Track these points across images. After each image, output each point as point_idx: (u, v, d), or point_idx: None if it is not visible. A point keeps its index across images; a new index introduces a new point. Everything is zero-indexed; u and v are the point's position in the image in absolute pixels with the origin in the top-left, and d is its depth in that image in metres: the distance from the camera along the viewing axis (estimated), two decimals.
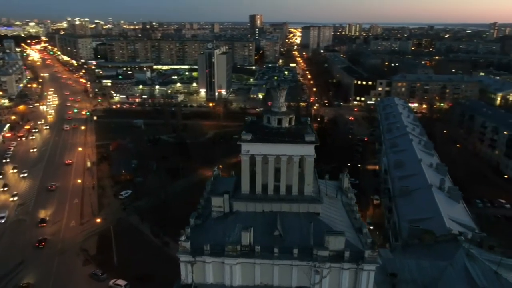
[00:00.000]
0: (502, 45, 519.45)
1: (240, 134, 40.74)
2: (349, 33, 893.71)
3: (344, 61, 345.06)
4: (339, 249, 37.38)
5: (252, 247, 37.92)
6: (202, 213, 44.94)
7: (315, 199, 41.56)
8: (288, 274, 38.45)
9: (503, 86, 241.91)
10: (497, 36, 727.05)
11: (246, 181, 41.71)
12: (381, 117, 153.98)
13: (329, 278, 38.10)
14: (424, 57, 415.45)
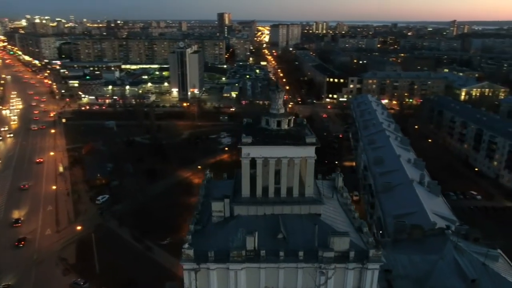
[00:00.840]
0: (462, 42, 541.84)
1: (241, 137, 40.12)
2: (316, 31, 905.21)
3: (314, 59, 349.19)
4: (344, 250, 37.62)
5: (257, 251, 37.52)
6: (200, 218, 43.98)
7: (317, 200, 41.62)
8: (293, 277, 38.33)
9: (467, 82, 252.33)
10: (456, 33, 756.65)
11: (247, 184, 41.19)
12: (356, 114, 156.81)
13: (334, 278, 38.28)
14: (390, 55, 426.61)
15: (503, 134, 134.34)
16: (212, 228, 41.20)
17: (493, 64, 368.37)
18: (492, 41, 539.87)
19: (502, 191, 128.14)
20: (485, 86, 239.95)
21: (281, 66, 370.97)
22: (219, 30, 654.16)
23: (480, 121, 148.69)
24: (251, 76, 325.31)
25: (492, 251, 54.87)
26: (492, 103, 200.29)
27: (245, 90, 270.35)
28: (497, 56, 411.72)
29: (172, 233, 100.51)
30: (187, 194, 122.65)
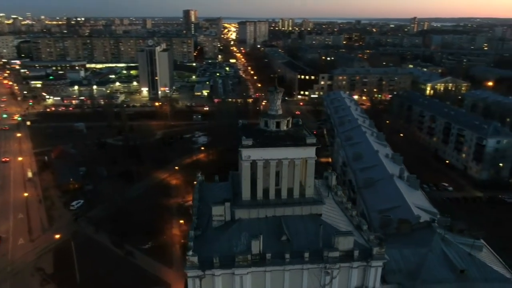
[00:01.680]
0: (423, 39, 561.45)
1: (241, 140, 39.45)
2: (282, 28, 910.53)
3: (284, 56, 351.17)
4: (348, 249, 37.90)
5: (263, 255, 37.12)
6: (199, 223, 43.01)
7: (317, 201, 41.70)
8: (298, 278, 38.27)
9: (431, 77, 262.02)
10: (417, 30, 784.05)
11: (247, 187, 40.65)
12: (330, 110, 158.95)
13: (338, 277, 38.55)
14: (356, 51, 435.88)
15: (470, 127, 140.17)
16: (213, 232, 40.40)
17: (453, 60, 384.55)
18: (451, 38, 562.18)
19: (471, 181, 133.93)
20: (448, 81, 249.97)
21: (251, 64, 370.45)
22: (186, 27, 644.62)
23: (448, 115, 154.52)
24: (221, 74, 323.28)
25: (477, 242, 56.99)
26: (456, 97, 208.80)
27: (216, 88, 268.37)
28: (456, 52, 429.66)
29: (153, 237, 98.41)
30: (166, 196, 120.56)
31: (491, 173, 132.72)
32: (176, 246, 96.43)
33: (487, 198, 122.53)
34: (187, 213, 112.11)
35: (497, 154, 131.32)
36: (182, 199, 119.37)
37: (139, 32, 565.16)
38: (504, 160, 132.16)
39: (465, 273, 52.13)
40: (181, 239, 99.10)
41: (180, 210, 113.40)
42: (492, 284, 51.93)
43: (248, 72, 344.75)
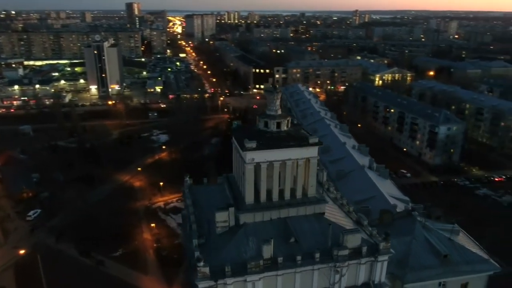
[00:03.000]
0: (366, 31, 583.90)
1: (244, 143, 38.19)
2: (228, 21, 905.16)
3: (236, 50, 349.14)
4: (356, 246, 38.29)
5: (274, 259, 36.48)
6: (199, 230, 41.34)
7: (321, 200, 41.69)
8: (309, 279, 38.10)
9: (379, 68, 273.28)
10: (359, 22, 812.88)
11: (251, 191, 39.65)
12: (291, 104, 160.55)
13: (347, 274, 38.85)
14: (305, 43, 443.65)
15: (423, 116, 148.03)
16: (217, 240, 39.02)
17: (396, 51, 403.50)
18: (391, 29, 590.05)
19: (426, 167, 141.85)
20: (395, 71, 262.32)
21: (202, 58, 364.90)
22: (129, 21, 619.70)
23: (401, 105, 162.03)
24: (172, 69, 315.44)
25: (455, 227, 60.27)
26: (404, 87, 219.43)
27: (169, 84, 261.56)
28: (398, 43, 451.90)
29: (123, 243, 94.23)
30: (131, 198, 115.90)
31: (444, 159, 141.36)
32: (149, 251, 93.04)
33: (442, 182, 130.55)
34: (156, 216, 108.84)
35: (448, 140, 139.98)
36: (149, 201, 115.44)
37: (79, 26, 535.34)
38: (454, 145, 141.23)
39: (448, 257, 54.95)
40: (154, 243, 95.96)
41: (148, 212, 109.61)
42: (472, 265, 55.21)
43: (200, 66, 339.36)
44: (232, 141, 44.40)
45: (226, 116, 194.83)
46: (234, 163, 44.93)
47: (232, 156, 45.12)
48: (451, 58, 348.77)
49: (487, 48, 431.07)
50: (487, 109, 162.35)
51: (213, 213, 41.52)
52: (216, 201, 45.18)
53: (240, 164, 41.45)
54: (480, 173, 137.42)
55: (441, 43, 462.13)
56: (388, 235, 39.52)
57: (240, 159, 40.69)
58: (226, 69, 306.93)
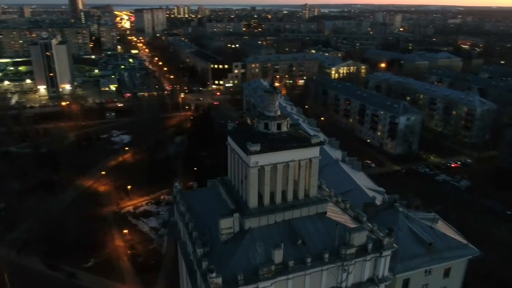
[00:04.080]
0: (317, 25, 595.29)
1: (247, 146, 37.05)
2: (178, 15, 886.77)
3: (191, 45, 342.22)
4: (362, 243, 38.61)
5: (285, 263, 35.89)
6: (200, 238, 39.75)
7: (323, 200, 41.61)
8: (318, 280, 37.97)
9: (334, 61, 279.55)
10: (309, 16, 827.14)
11: (255, 195, 38.70)
12: (255, 99, 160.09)
13: (353, 272, 39.11)
14: (259, 38, 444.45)
15: (383, 107, 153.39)
16: (223, 247, 37.73)
17: (348, 44, 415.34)
18: (341, 23, 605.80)
19: (388, 157, 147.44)
20: (350, 64, 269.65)
21: (156, 54, 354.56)
22: (73, 16, 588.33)
23: (361, 97, 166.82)
24: (126, 66, 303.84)
25: (435, 215, 62.82)
26: (361, 80, 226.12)
27: (124, 82, 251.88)
28: (349, 37, 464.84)
29: (94, 252, 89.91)
30: (97, 204, 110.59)
31: (404, 148, 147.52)
32: (123, 258, 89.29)
33: (405, 171, 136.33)
34: (127, 221, 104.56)
35: (408, 130, 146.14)
36: (117, 206, 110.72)
37: (18, 22, 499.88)
38: (413, 135, 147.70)
39: (432, 245, 57.21)
40: (127, 250, 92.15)
41: (118, 218, 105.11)
42: (454, 251, 57.86)
43: (155, 63, 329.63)
44: (228, 143, 43.07)
45: (188, 113, 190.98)
46: (230, 166, 43.65)
47: (228, 159, 43.80)
48: (399, 50, 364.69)
49: (430, 40, 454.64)
50: (440, 99, 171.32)
51: (214, 220, 40.22)
52: (213, 206, 43.83)
53: (240, 167, 40.29)
54: (437, 160, 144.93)
55: (389, 36, 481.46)
56: (392, 231, 40.25)
57: (241, 162, 39.54)
58: (182, 65, 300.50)
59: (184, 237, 45.62)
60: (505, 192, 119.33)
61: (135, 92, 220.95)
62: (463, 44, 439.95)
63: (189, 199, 46.83)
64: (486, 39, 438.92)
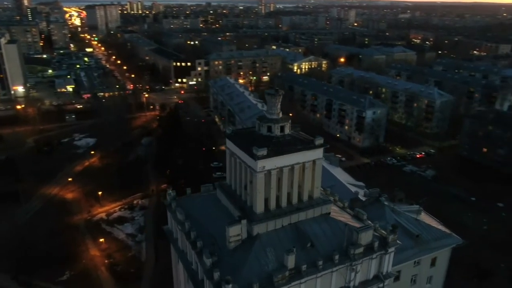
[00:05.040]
0: (275, 20, 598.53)
1: (253, 151, 36.15)
2: (131, 11, 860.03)
3: (150, 43, 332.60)
4: (369, 242, 38.99)
5: (298, 267, 35.52)
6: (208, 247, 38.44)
7: (327, 200, 41.60)
8: (328, 281, 37.93)
9: (296, 57, 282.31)
10: (265, 11, 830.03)
11: (262, 200, 37.97)
12: (223, 97, 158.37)
13: (360, 270, 39.47)
14: (218, 34, 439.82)
15: (350, 102, 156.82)
16: (232, 255, 36.72)
17: (306, 39, 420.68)
18: (298, 18, 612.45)
19: (357, 150, 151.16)
20: (311, 59, 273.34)
21: (112, 52, 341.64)
22: (18, 13, 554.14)
23: (328, 93, 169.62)
24: (81, 66, 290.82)
25: (419, 207, 64.91)
26: (325, 75, 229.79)
27: (81, 83, 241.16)
28: (307, 32, 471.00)
29: (69, 265, 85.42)
30: (67, 213, 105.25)
31: (371, 141, 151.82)
32: (101, 268, 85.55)
33: (374, 163, 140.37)
34: (100, 229, 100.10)
35: (374, 123, 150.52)
36: (88, 213, 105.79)
37: None
38: (380, 128, 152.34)
39: (419, 237, 59.14)
40: (105, 259, 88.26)
41: (90, 226, 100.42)
42: (440, 241, 60.14)
43: (112, 61, 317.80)
44: (227, 147, 41.98)
45: (153, 113, 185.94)
46: (230, 171, 42.61)
47: (227, 163, 42.74)
48: (356, 45, 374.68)
49: (384, 35, 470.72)
50: (401, 92, 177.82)
51: (218, 227, 39.22)
52: (213, 213, 42.67)
53: (243, 172, 39.38)
54: (403, 151, 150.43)
55: (345, 31, 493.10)
56: (396, 227, 40.92)
57: (245, 167, 38.63)
58: (141, 63, 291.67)
59: (184, 246, 44.11)
60: (468, 179, 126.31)
61: (95, 92, 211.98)
62: (414, 38, 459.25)
63: (186, 207, 45.20)
64: (435, 33, 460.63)
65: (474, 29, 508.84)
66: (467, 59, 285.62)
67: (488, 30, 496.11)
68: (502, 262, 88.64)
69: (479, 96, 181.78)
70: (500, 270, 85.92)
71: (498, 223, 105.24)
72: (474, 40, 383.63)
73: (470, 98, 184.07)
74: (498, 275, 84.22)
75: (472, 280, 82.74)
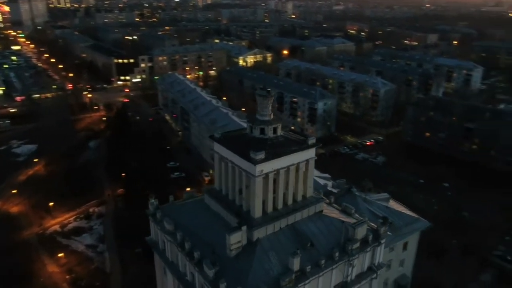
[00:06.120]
0: (214, 13, 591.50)
1: (250, 155, 35.28)
2: (58, 5, 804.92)
3: (86, 39, 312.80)
4: (363, 236, 39.93)
5: (303, 269, 35.45)
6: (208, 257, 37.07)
7: (320, 198, 41.90)
8: (328, 279, 38.34)
9: (241, 50, 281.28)
10: (202, 4, 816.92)
11: (260, 204, 37.28)
12: (174, 95, 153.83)
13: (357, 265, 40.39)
14: (157, 28, 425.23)
15: (301, 94, 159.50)
16: (234, 263, 35.76)
17: (248, 32, 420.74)
18: (237, 11, 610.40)
19: None
20: (256, 53, 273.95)
21: (43, 50, 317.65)
22: None
23: (278, 85, 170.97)
24: (9, 65, 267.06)
25: (387, 195, 67.79)
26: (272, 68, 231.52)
27: (11, 84, 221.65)
28: (248, 25, 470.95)
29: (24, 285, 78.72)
30: (13, 229, 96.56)
31: (324, 132, 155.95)
32: (62, 285, 79.80)
33: (328, 153, 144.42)
34: (56, 242, 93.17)
35: (326, 114, 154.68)
36: (40, 227, 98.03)
37: None
38: (331, 118, 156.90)
39: (392, 224, 61.78)
40: (66, 275, 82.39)
41: (44, 241, 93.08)
42: (411, 226, 63.26)
43: (45, 60, 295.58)
44: (216, 151, 40.65)
45: (98, 114, 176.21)
46: (220, 176, 41.33)
47: (216, 168, 41.42)
48: (297, 36, 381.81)
49: (322, 27, 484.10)
50: (348, 83, 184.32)
51: (214, 235, 38.09)
52: (204, 221, 41.27)
53: (238, 177, 38.35)
54: (353, 140, 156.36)
55: (285, 23, 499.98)
56: (387, 219, 42.22)
57: (240, 171, 37.65)
58: (78, 61, 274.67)
59: (173, 258, 42.24)
60: (415, 163, 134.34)
61: (29, 94, 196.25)
62: (350, 29, 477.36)
63: (173, 216, 43.24)
64: (369, 24, 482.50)
65: (403, 20, 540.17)
66: (402, 49, 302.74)
67: (416, 20, 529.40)
68: (453, 238, 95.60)
69: (416, 84, 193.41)
70: (453, 247, 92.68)
71: (445, 202, 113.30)
72: (405, 31, 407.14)
73: (409, 86, 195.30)
74: (452, 251, 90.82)
75: (430, 258, 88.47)
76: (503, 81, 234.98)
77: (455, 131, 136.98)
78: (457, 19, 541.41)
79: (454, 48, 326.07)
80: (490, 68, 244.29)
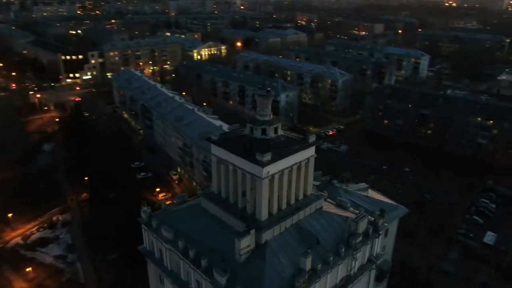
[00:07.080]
0: (161, 5, 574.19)
1: (256, 157, 34.55)
2: None
3: (25, 34, 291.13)
4: (364, 230, 40.73)
5: (314, 268, 35.52)
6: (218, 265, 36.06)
7: (320, 196, 42.10)
8: (335, 275, 38.79)
9: (194, 43, 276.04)
10: None
11: (266, 206, 36.77)
12: (132, 92, 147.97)
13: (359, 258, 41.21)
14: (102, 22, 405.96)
15: None
16: (245, 268, 35.09)
17: (198, 25, 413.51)
18: (185, 3, 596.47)
19: None
20: (211, 45, 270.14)
21: None
22: None
23: (239, 79, 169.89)
24: None
25: (366, 185, 69.71)
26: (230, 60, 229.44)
27: None
28: (198, 17, 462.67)
29: None
30: None
31: (287, 123, 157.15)
32: None
33: None
34: (20, 256, 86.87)
35: (288, 106, 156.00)
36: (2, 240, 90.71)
37: None
38: (293, 110, 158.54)
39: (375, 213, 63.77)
40: None
41: (5, 255, 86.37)
42: (391, 213, 65.21)
43: None
44: (213, 154, 39.49)
45: (49, 115, 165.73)
46: (219, 179, 40.24)
47: (214, 171, 40.29)
48: (249, 28, 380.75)
49: (272, 18, 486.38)
50: (306, 74, 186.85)
51: (219, 241, 37.15)
52: (205, 226, 40.08)
53: (241, 179, 37.50)
54: (316, 130, 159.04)
55: (235, 15, 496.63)
56: (384, 211, 43.26)
57: (243, 173, 36.82)
58: (18, 58, 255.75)
59: (173, 266, 40.73)
60: (376, 150, 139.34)
61: None
62: (300, 20, 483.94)
63: (170, 222, 41.60)
64: (318, 14, 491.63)
65: (349, 10, 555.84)
66: (352, 38, 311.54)
67: (362, 11, 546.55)
68: (420, 220, 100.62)
69: (370, 73, 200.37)
70: (420, 229, 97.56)
71: (408, 186, 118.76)
72: (353, 21, 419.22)
73: (363, 75, 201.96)
74: (420, 233, 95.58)
75: (401, 241, 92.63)
76: (447, 68, 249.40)
77: (412, 118, 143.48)
78: (399, 9, 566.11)
79: (400, 37, 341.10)
80: (434, 56, 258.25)
